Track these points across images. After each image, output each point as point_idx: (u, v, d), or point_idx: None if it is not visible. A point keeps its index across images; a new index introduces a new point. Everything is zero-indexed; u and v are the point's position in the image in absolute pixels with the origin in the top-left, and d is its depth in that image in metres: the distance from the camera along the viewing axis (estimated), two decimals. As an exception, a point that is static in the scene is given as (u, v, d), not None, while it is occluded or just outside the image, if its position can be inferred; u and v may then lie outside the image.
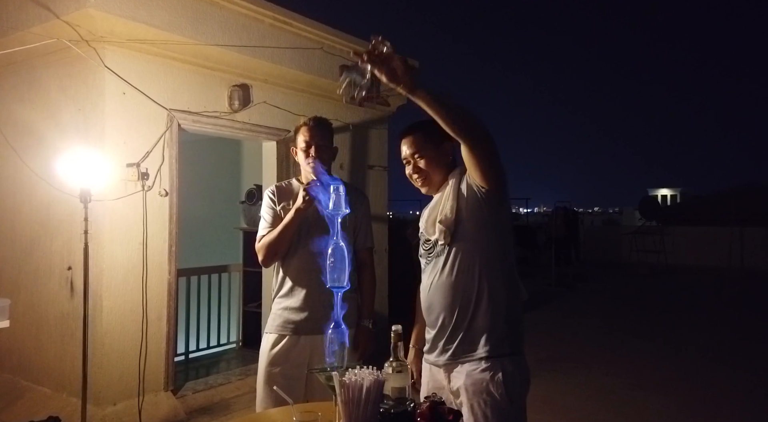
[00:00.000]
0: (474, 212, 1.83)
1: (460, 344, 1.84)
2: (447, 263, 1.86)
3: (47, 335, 4.05)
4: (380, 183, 6.20)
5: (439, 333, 1.89)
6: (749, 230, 13.92)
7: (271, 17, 4.51)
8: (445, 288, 1.85)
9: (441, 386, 1.89)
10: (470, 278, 1.83)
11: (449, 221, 1.83)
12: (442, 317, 1.87)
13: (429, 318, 1.94)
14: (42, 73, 4.09)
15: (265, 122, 4.79)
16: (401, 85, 1.49)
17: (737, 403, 4.51)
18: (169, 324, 4.08)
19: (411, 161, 1.98)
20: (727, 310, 8.95)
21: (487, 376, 1.78)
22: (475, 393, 1.78)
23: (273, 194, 2.47)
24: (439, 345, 1.89)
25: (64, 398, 3.87)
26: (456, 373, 1.85)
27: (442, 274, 1.87)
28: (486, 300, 1.82)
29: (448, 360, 1.86)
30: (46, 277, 4.07)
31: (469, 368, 1.81)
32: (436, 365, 1.91)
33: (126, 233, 3.82)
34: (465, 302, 1.83)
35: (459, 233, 1.84)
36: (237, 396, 4.39)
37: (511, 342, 1.84)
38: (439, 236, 1.85)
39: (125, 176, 3.79)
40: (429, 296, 1.92)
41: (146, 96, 3.92)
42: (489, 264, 1.83)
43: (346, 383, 1.37)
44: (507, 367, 1.80)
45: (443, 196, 1.90)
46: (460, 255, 1.83)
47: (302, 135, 2.42)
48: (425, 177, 1.97)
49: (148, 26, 3.68)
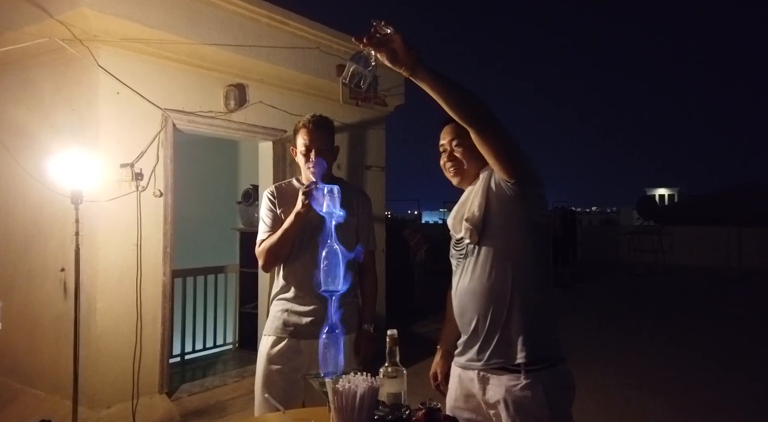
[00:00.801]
0: (503, 210, 1.70)
1: (494, 352, 1.73)
2: (477, 264, 1.75)
3: (41, 337, 4.02)
4: (378, 183, 6.17)
5: (471, 338, 1.79)
6: (747, 230, 13.92)
7: (268, 17, 4.47)
8: (476, 292, 1.75)
9: (471, 394, 1.80)
10: (502, 281, 1.72)
11: (476, 220, 1.73)
12: (474, 322, 1.77)
13: (461, 322, 1.84)
14: (36, 73, 4.05)
15: (261, 122, 4.76)
16: (402, 67, 1.42)
17: (735, 403, 4.50)
18: (164, 325, 4.05)
19: (448, 149, 1.87)
20: (724, 310, 8.94)
21: (529, 394, 1.67)
22: (518, 412, 1.68)
23: (272, 196, 2.38)
24: (471, 350, 1.79)
25: (57, 401, 3.83)
26: (492, 385, 1.73)
27: (472, 276, 1.76)
28: (520, 305, 1.71)
29: (483, 368, 1.75)
30: (41, 278, 4.03)
31: (507, 382, 1.70)
32: (470, 369, 1.80)
33: (120, 234, 3.79)
34: (498, 306, 1.72)
35: (488, 233, 1.73)
36: (233, 399, 4.35)
37: (548, 350, 1.73)
38: (465, 235, 1.76)
39: (119, 176, 3.76)
40: (460, 299, 1.82)
41: (141, 96, 3.88)
42: (521, 266, 1.72)
43: (339, 390, 1.34)
44: (549, 382, 1.69)
45: (472, 192, 1.80)
46: (491, 256, 1.73)
47: (302, 138, 2.32)
48: (458, 167, 1.84)
49: (142, 26, 3.64)
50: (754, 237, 13.92)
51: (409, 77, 1.46)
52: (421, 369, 5.22)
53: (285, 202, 2.32)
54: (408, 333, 6.65)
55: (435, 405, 1.54)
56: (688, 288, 11.45)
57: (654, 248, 14.11)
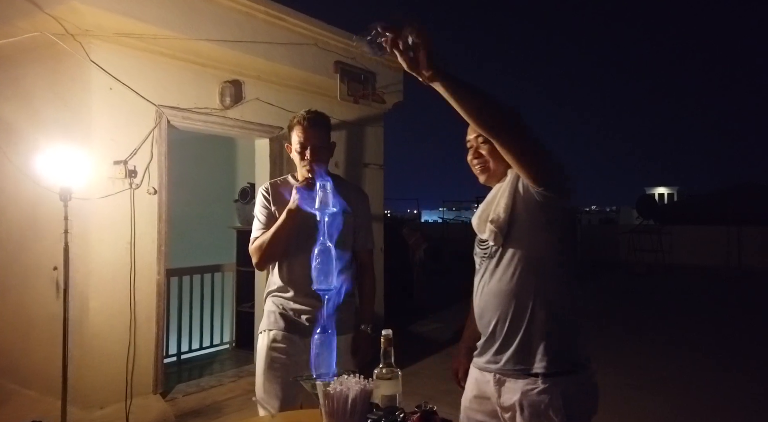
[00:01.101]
0: (530, 213, 1.64)
1: (512, 356, 1.68)
2: (499, 266, 1.70)
3: (35, 337, 3.96)
4: (376, 181, 6.12)
5: (489, 340, 1.75)
6: (747, 229, 13.88)
7: (264, 12, 4.42)
8: (497, 294, 1.70)
9: (486, 396, 1.76)
10: (524, 285, 1.67)
11: (501, 222, 1.67)
12: (493, 324, 1.72)
13: (480, 323, 1.80)
14: (27, 69, 3.99)
15: (257, 119, 4.70)
16: (420, 75, 1.35)
17: (734, 403, 4.46)
18: (159, 325, 3.99)
19: (474, 145, 1.80)
20: (724, 310, 8.90)
21: (546, 399, 1.62)
22: (533, 416, 1.63)
23: (267, 193, 2.32)
24: (489, 352, 1.75)
25: (51, 401, 3.77)
26: (508, 387, 1.69)
27: (493, 278, 1.72)
28: (542, 310, 1.66)
29: (500, 370, 1.71)
30: (35, 277, 3.98)
31: (524, 386, 1.66)
32: (486, 371, 1.76)
33: (113, 232, 3.73)
34: (518, 310, 1.67)
35: (513, 235, 1.67)
36: (229, 399, 4.30)
37: (570, 356, 1.68)
38: (489, 237, 1.70)
39: (112, 173, 3.70)
40: (480, 300, 1.78)
41: (134, 92, 3.83)
42: (546, 270, 1.67)
43: (330, 393, 1.29)
44: (568, 389, 1.64)
45: (499, 191, 1.73)
46: (515, 259, 1.67)
47: (297, 135, 2.25)
48: (485, 164, 1.78)
49: (136, 20, 3.59)
50: (754, 237, 13.88)
51: (424, 81, 1.38)
52: (420, 369, 5.23)
53: (280, 199, 2.26)
54: (407, 333, 6.60)
55: (430, 407, 1.49)
56: (688, 288, 11.41)
57: (654, 248, 14.07)
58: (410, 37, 1.28)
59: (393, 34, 1.30)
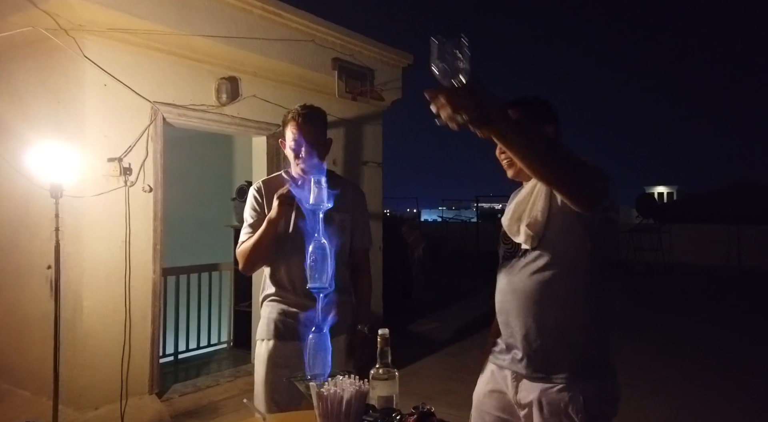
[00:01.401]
0: (567, 222, 1.58)
1: (533, 358, 1.65)
2: (527, 267, 1.65)
3: (28, 336, 3.91)
4: (375, 179, 6.07)
5: (510, 340, 1.71)
6: (746, 228, 13.84)
7: (261, 8, 4.36)
8: (522, 295, 1.65)
9: (502, 391, 1.73)
10: (549, 288, 1.62)
11: (539, 226, 1.61)
12: (515, 325, 1.68)
13: (500, 321, 1.76)
14: (20, 65, 3.94)
15: (254, 116, 4.65)
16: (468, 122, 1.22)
17: (735, 403, 4.43)
18: (154, 324, 3.95)
19: None
20: (724, 309, 8.86)
21: (566, 398, 1.59)
22: (552, 415, 1.59)
23: (259, 192, 2.20)
24: (509, 352, 1.72)
25: (44, 402, 3.72)
26: (526, 384, 1.66)
27: (519, 278, 1.67)
28: (568, 315, 1.62)
29: (519, 370, 1.68)
30: (28, 276, 3.93)
31: (543, 384, 1.63)
32: (505, 369, 1.73)
33: (108, 230, 3.68)
34: (543, 314, 1.63)
35: (546, 238, 1.62)
36: (225, 399, 4.25)
37: (593, 362, 1.64)
38: (524, 240, 1.64)
39: (106, 171, 3.65)
40: (503, 299, 1.73)
41: (129, 88, 3.77)
42: (577, 275, 1.62)
43: (324, 395, 1.24)
44: (589, 391, 1.60)
45: (533, 192, 1.66)
46: (545, 262, 1.62)
47: (290, 131, 2.14)
48: (511, 158, 1.69)
49: (130, 15, 3.54)
50: (754, 236, 13.84)
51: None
52: (419, 369, 5.19)
53: (269, 198, 2.14)
54: (406, 333, 6.56)
55: (428, 409, 1.44)
56: (688, 287, 11.37)
57: (653, 247, 14.02)
58: (460, 117, 1.19)
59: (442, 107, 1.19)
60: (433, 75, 1.22)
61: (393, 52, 5.82)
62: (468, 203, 24.76)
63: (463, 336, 6.53)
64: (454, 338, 6.48)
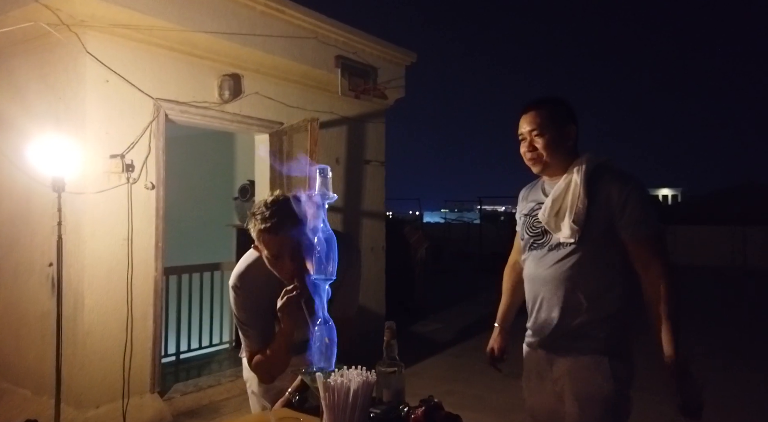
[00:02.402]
0: (606, 222, 1.74)
1: (565, 341, 1.78)
2: (564, 259, 1.77)
3: (27, 334, 3.88)
4: (377, 178, 6.03)
5: (543, 324, 1.82)
6: (751, 229, 13.79)
7: (263, 4, 4.34)
8: (555, 283, 1.78)
9: (539, 372, 1.86)
10: (585, 278, 1.75)
11: (582, 221, 1.73)
12: (547, 310, 1.80)
13: (533, 308, 1.87)
14: (21, 61, 3.91)
15: (257, 113, 4.62)
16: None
17: (735, 403, 4.37)
18: (156, 323, 3.91)
19: (527, 138, 1.83)
20: (729, 309, 8.81)
21: (595, 368, 1.73)
22: (584, 382, 1.73)
23: (239, 289, 1.86)
24: (542, 335, 1.83)
25: (44, 400, 3.69)
26: (559, 362, 1.79)
27: (554, 268, 1.78)
28: (601, 304, 1.75)
29: (553, 351, 1.81)
30: (27, 273, 3.89)
31: (573, 358, 1.77)
32: (539, 348, 1.86)
33: (109, 227, 3.65)
34: (575, 301, 1.76)
35: (585, 233, 1.74)
36: (226, 399, 4.22)
37: (620, 346, 1.79)
38: (570, 235, 1.74)
39: (108, 167, 3.62)
40: (534, 287, 1.85)
41: (131, 84, 3.74)
42: (610, 267, 1.76)
43: (330, 386, 1.20)
44: (616, 362, 1.75)
45: (569, 189, 1.77)
46: (580, 253, 1.75)
47: (261, 242, 1.74)
48: (538, 157, 1.82)
49: (131, 10, 3.51)
50: (758, 236, 13.79)
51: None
52: (421, 370, 5.14)
53: (255, 292, 1.86)
54: (408, 333, 6.51)
55: (436, 402, 1.41)
56: (693, 288, 11.30)
57: (658, 248, 13.96)
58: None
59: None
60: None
61: (396, 50, 5.79)
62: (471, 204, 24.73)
63: (466, 337, 6.49)
64: (457, 339, 6.44)
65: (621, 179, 1.75)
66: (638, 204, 1.71)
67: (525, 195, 2.00)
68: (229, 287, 1.88)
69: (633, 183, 1.74)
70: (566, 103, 1.86)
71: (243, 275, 1.86)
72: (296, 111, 4.87)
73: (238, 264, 1.90)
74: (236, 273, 1.87)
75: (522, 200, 2.00)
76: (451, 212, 25.23)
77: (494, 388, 4.57)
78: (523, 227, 1.92)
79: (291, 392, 1.64)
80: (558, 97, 1.86)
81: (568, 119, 1.82)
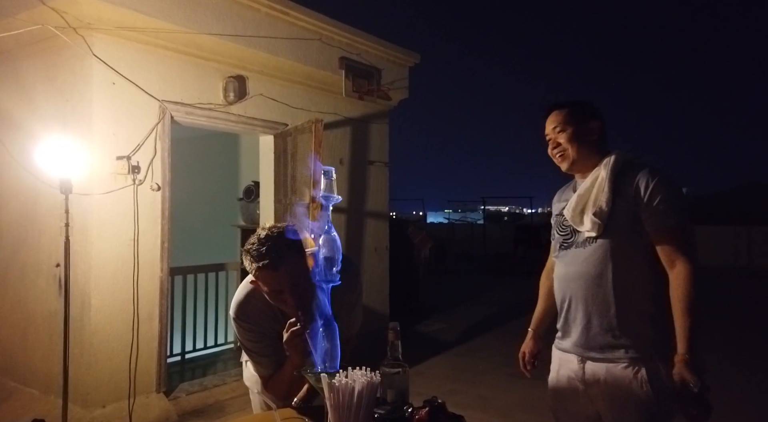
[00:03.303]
0: (631, 214, 1.72)
1: (598, 341, 1.75)
2: (589, 254, 1.76)
3: (35, 334, 3.91)
4: (381, 179, 6.05)
5: (574, 325, 1.81)
6: (755, 228, 13.75)
7: (268, 6, 4.36)
8: (585, 282, 1.76)
9: (570, 376, 1.82)
10: (615, 275, 1.72)
11: (605, 215, 1.72)
12: (578, 310, 1.79)
13: (562, 307, 1.85)
14: (29, 63, 3.95)
15: (261, 114, 4.65)
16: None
17: (736, 403, 4.37)
18: (161, 323, 3.94)
19: (552, 137, 1.87)
20: (733, 310, 8.79)
21: (630, 373, 1.69)
22: (619, 390, 1.69)
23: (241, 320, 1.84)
24: (572, 335, 1.82)
25: (51, 400, 3.72)
26: (592, 365, 1.76)
27: (583, 266, 1.77)
28: (631, 301, 1.72)
29: (583, 352, 1.78)
30: (34, 274, 3.93)
31: (607, 364, 1.73)
32: (569, 352, 1.83)
33: (115, 228, 3.68)
34: (606, 299, 1.73)
35: (610, 227, 1.73)
36: (232, 398, 4.24)
37: (655, 345, 1.72)
38: (591, 228, 1.74)
39: (115, 169, 3.65)
40: (565, 286, 1.84)
41: (137, 86, 3.77)
42: (639, 262, 1.72)
43: (335, 386, 1.22)
44: (652, 366, 1.69)
45: (595, 185, 1.78)
46: (608, 250, 1.73)
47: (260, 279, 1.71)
48: (564, 152, 1.84)
49: (137, 13, 3.54)
50: (762, 236, 13.75)
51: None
52: (425, 370, 5.15)
53: (258, 321, 1.84)
54: (411, 333, 6.53)
55: (440, 402, 1.43)
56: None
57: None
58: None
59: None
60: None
61: (400, 51, 5.81)
62: (474, 205, 24.72)
63: (469, 337, 6.51)
64: (460, 339, 6.45)
65: (648, 170, 1.73)
66: (664, 196, 1.68)
67: (558, 197, 2.00)
68: (231, 319, 1.85)
69: (660, 175, 1.72)
70: (588, 103, 1.88)
71: (243, 305, 1.83)
72: (300, 112, 4.90)
73: (236, 294, 1.87)
74: (236, 304, 1.84)
75: (555, 202, 2.00)
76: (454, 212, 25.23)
77: (498, 388, 4.59)
78: (554, 227, 1.93)
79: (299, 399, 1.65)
80: (576, 99, 1.89)
81: (590, 115, 1.84)
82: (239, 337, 1.87)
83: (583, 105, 1.86)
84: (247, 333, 1.83)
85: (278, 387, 1.79)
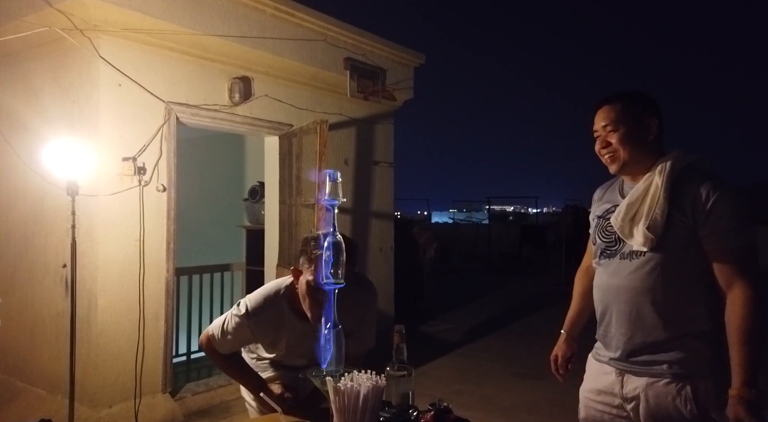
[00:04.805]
0: (688, 231, 1.57)
1: (640, 355, 1.63)
2: (639, 269, 1.62)
3: (42, 334, 3.93)
4: (386, 179, 6.06)
5: (615, 338, 1.69)
6: (759, 229, 13.67)
7: (273, 7, 4.37)
8: (632, 297, 1.63)
9: (607, 387, 1.71)
10: (664, 293, 1.59)
11: (659, 229, 1.58)
12: (619, 325, 1.67)
13: (603, 317, 1.74)
14: (36, 65, 3.97)
15: (266, 115, 4.66)
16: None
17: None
18: (167, 323, 3.95)
19: (602, 135, 1.70)
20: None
21: (674, 390, 1.57)
22: (659, 407, 1.58)
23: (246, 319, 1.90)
24: (612, 349, 1.70)
25: (59, 400, 3.74)
26: (632, 378, 1.65)
27: (629, 278, 1.64)
28: (680, 319, 1.59)
29: (623, 366, 1.67)
30: (42, 275, 3.95)
31: (649, 378, 1.61)
32: (608, 364, 1.72)
33: (122, 229, 3.70)
34: (650, 316, 1.61)
35: (663, 242, 1.59)
36: (237, 399, 4.23)
37: (706, 364, 1.59)
38: (644, 243, 1.60)
39: (121, 170, 3.67)
40: (606, 297, 1.72)
41: (143, 88, 3.79)
42: (692, 280, 1.59)
43: (340, 390, 1.23)
44: (700, 385, 1.57)
45: (648, 193, 1.62)
46: (658, 264, 1.60)
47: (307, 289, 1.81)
48: (614, 154, 1.67)
49: (143, 14, 3.55)
50: (762, 237, 13.69)
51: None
52: (430, 370, 5.16)
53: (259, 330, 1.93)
54: (417, 333, 6.53)
55: (445, 406, 1.43)
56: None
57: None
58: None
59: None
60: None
61: (405, 51, 5.81)
62: (479, 204, 24.69)
63: (475, 338, 6.50)
64: (465, 339, 6.45)
65: (710, 182, 1.56)
66: (726, 212, 1.53)
67: (600, 195, 1.84)
68: (239, 308, 1.89)
69: (723, 188, 1.56)
70: (646, 95, 1.71)
71: (261, 310, 1.89)
72: (305, 113, 4.91)
73: (256, 293, 1.93)
74: (254, 304, 1.89)
75: (596, 201, 1.85)
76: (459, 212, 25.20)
77: (503, 389, 4.59)
78: (595, 230, 1.78)
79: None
80: (637, 91, 1.71)
81: (647, 112, 1.66)
82: (231, 323, 1.92)
83: (639, 99, 1.68)
84: (240, 328, 1.90)
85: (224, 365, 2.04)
